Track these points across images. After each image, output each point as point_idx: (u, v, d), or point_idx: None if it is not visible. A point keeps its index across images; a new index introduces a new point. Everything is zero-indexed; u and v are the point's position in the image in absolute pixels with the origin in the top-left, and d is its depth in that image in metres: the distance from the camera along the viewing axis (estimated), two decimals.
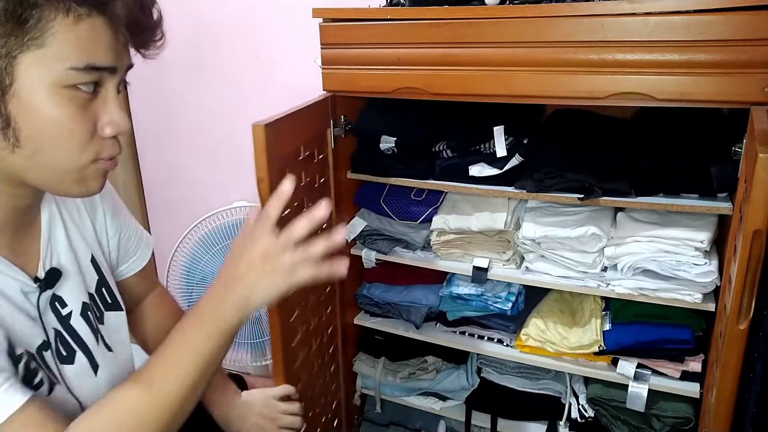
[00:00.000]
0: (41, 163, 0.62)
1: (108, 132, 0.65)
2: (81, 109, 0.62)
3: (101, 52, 0.61)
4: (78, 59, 0.59)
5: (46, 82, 0.59)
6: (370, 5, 1.36)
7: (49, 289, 0.74)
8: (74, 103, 0.61)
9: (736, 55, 0.98)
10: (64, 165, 0.63)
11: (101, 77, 0.63)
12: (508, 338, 1.44)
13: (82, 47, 0.59)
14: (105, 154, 0.66)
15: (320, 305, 1.39)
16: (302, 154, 1.19)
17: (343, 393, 1.64)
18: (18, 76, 0.58)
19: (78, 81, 0.60)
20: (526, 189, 1.26)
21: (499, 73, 1.16)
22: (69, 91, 0.60)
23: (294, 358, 1.22)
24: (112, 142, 0.66)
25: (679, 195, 1.17)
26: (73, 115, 0.61)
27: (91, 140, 0.64)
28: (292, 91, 1.34)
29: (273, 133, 0.99)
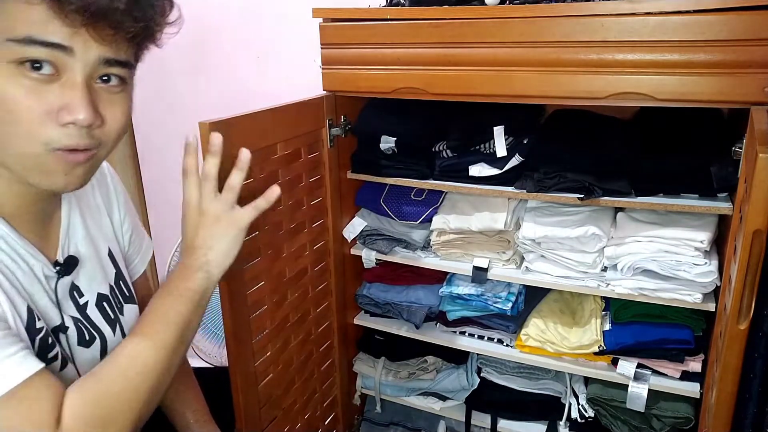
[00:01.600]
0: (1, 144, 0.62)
1: (63, 118, 0.61)
2: (31, 90, 0.59)
3: (42, 26, 0.58)
4: (16, 30, 0.57)
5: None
6: (370, 5, 1.36)
7: (67, 276, 0.76)
8: (23, 83, 0.59)
9: (736, 55, 0.98)
10: (14, 149, 0.61)
11: (57, 59, 0.59)
12: (508, 338, 1.44)
13: (22, 20, 0.57)
14: (58, 143, 0.61)
15: (306, 301, 1.39)
16: (280, 152, 1.20)
17: (343, 393, 1.64)
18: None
19: (24, 56, 0.58)
20: (526, 189, 1.26)
21: (499, 73, 1.16)
22: (17, 68, 0.58)
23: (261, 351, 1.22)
24: (69, 131, 0.61)
25: (679, 195, 1.17)
26: (20, 95, 0.59)
27: (43, 126, 0.60)
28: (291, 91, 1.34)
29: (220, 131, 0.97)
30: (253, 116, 1.10)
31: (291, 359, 1.35)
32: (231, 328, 1.11)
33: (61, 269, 0.74)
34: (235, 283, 1.10)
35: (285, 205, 1.24)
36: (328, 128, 1.35)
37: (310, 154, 1.32)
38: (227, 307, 1.09)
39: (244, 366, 1.15)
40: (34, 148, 0.61)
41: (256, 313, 1.19)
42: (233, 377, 1.14)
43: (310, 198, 1.35)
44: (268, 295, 1.22)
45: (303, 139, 1.28)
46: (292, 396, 1.37)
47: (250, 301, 1.16)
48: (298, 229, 1.31)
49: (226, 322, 1.11)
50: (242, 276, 1.12)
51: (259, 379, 1.21)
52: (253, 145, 1.10)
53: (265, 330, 1.23)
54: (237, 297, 1.11)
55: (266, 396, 1.25)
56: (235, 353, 1.13)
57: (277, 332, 1.27)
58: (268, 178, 1.17)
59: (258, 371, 1.21)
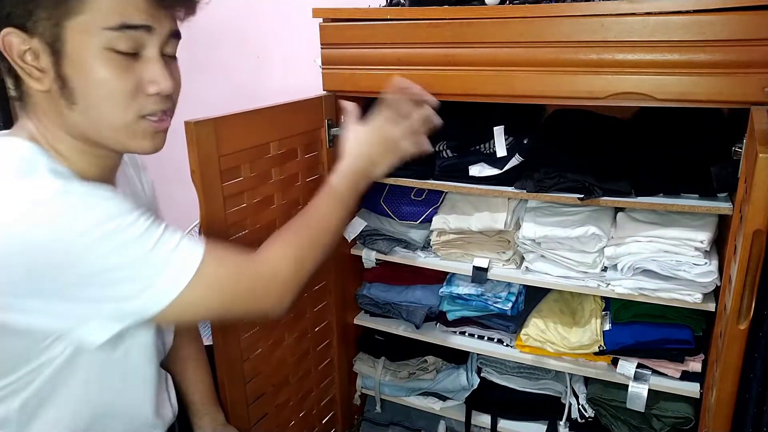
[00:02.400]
0: (94, 119, 0.70)
1: (150, 90, 0.71)
2: (123, 69, 0.69)
3: (135, 12, 0.68)
4: (111, 20, 0.66)
5: (90, 45, 0.67)
6: (370, 5, 1.36)
7: None
8: (115, 64, 0.68)
9: (736, 55, 0.98)
10: (111, 120, 0.71)
11: (139, 38, 0.69)
12: (508, 338, 1.44)
13: (115, 9, 0.66)
14: (147, 110, 0.72)
15: (301, 300, 1.39)
16: (273, 151, 1.20)
17: (342, 392, 1.64)
18: (67, 41, 0.66)
19: (117, 42, 0.67)
20: (526, 189, 1.25)
21: (499, 73, 1.16)
22: (110, 53, 0.67)
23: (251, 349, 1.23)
24: (154, 99, 0.72)
25: (679, 195, 1.17)
26: (115, 74, 0.68)
27: (134, 98, 0.70)
28: (292, 91, 1.34)
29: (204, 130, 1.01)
30: (242, 116, 1.11)
31: (285, 357, 1.35)
32: (218, 325, 1.12)
33: None
34: None
35: (279, 204, 1.25)
36: (327, 128, 1.35)
37: (307, 154, 1.32)
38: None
39: (230, 363, 1.16)
40: (127, 117, 0.71)
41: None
42: (219, 374, 1.15)
43: (307, 197, 1.34)
44: None
45: (299, 139, 1.28)
46: (286, 394, 1.38)
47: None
48: None
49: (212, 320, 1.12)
50: None
51: (247, 376, 1.22)
52: (242, 144, 1.11)
53: (254, 327, 1.23)
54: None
55: (255, 393, 1.26)
56: (222, 350, 1.13)
57: (268, 330, 1.28)
58: (259, 177, 1.18)
59: (246, 368, 1.21)
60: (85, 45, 0.67)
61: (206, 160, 1.03)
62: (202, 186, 1.02)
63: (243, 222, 1.16)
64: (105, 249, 0.65)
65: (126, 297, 0.67)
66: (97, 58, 0.67)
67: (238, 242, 1.15)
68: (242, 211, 1.15)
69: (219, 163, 1.06)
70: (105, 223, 0.65)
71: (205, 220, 1.05)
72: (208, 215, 1.06)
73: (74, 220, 0.64)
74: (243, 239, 1.16)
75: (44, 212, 0.63)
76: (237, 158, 1.11)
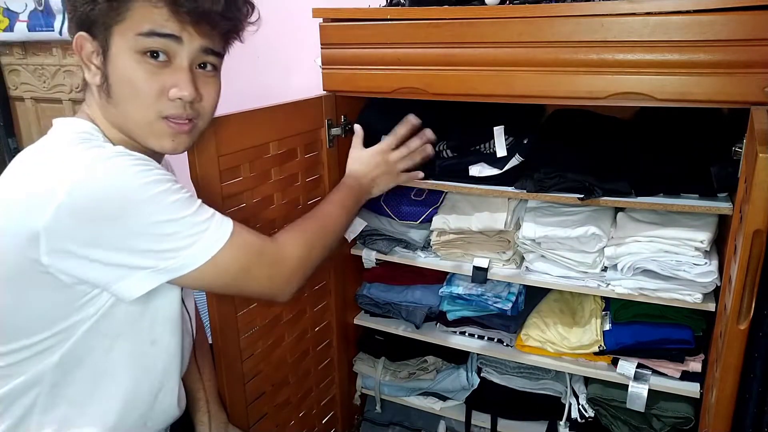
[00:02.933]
0: (123, 113, 0.80)
1: (171, 94, 0.79)
2: (151, 74, 0.78)
3: (163, 22, 0.76)
4: (142, 27, 0.76)
5: (125, 48, 0.76)
6: (370, 5, 1.36)
7: None
8: (145, 68, 0.77)
9: (736, 55, 0.98)
10: (135, 117, 0.80)
11: (169, 47, 0.78)
12: (508, 338, 1.44)
13: (147, 19, 0.76)
14: (167, 112, 0.80)
15: (301, 300, 1.39)
16: (272, 151, 1.21)
17: (342, 392, 1.64)
18: (112, 44, 0.77)
19: (146, 46, 0.76)
20: (526, 189, 1.25)
21: (499, 73, 1.16)
22: (142, 57, 0.77)
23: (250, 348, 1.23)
24: (176, 103, 0.80)
25: (679, 195, 1.17)
26: (143, 77, 0.77)
27: (158, 100, 0.79)
28: (292, 91, 1.34)
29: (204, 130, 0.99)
30: (241, 115, 1.11)
31: (284, 357, 1.35)
32: (217, 325, 1.12)
33: None
34: None
35: (278, 204, 1.25)
36: (327, 128, 1.35)
37: (307, 154, 1.32)
38: (213, 303, 1.10)
39: (230, 362, 1.16)
40: (149, 116, 0.79)
41: (244, 311, 1.19)
42: (219, 372, 1.15)
43: (307, 197, 1.35)
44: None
45: (299, 139, 1.28)
46: (285, 394, 1.38)
47: (238, 299, 1.17)
48: None
49: (212, 319, 1.12)
50: None
51: (246, 375, 1.22)
52: (242, 144, 1.11)
53: (254, 327, 1.23)
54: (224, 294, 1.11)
55: (255, 392, 1.26)
56: (222, 349, 1.13)
57: (268, 330, 1.28)
58: (259, 177, 1.18)
59: (246, 368, 1.21)
60: (121, 47, 0.77)
61: (205, 159, 1.03)
62: (202, 186, 1.03)
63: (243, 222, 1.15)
64: (159, 205, 0.73)
65: (169, 251, 0.74)
66: (130, 60, 0.77)
67: None
68: (241, 211, 1.15)
69: (218, 163, 1.06)
70: (159, 183, 0.74)
71: None
72: None
73: (134, 176, 0.72)
74: None
75: (107, 167, 0.71)
76: (236, 158, 1.11)
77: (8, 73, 2.37)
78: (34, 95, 2.35)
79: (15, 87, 2.38)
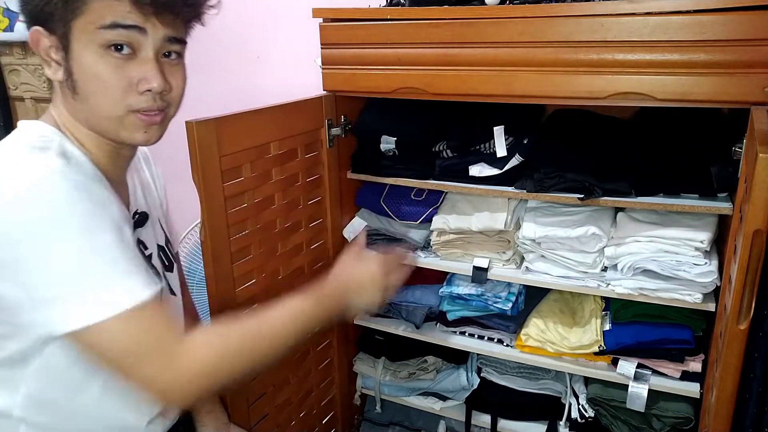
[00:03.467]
0: (91, 109, 0.77)
1: (140, 87, 0.76)
2: (117, 67, 0.74)
3: (125, 12, 0.73)
4: (104, 19, 0.72)
5: (87, 42, 0.73)
6: (370, 5, 1.36)
7: (139, 227, 0.89)
8: (110, 62, 0.74)
9: (736, 55, 0.98)
10: (104, 112, 0.77)
11: (133, 39, 0.74)
12: (508, 338, 1.44)
13: (108, 10, 0.72)
14: (138, 106, 0.77)
15: None
16: (273, 151, 1.21)
17: (342, 392, 1.64)
18: (72, 39, 0.74)
19: (110, 39, 0.73)
20: (526, 189, 1.26)
21: (499, 73, 1.16)
22: (106, 51, 0.73)
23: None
24: (146, 96, 0.77)
25: (679, 195, 1.17)
26: (109, 71, 0.74)
27: (127, 94, 0.76)
28: (292, 91, 1.34)
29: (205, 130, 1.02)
30: (243, 116, 1.11)
31: (285, 357, 1.35)
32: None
33: (136, 221, 0.88)
34: (222, 281, 1.10)
35: (279, 204, 1.25)
36: (327, 128, 1.35)
37: (307, 154, 1.32)
38: (216, 304, 1.10)
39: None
40: (119, 111, 0.76)
41: (245, 311, 1.18)
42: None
43: (307, 197, 1.35)
44: (260, 294, 1.22)
45: (299, 139, 1.28)
46: (286, 394, 1.37)
47: (241, 299, 1.17)
48: (293, 228, 1.32)
49: (213, 319, 1.11)
50: (231, 273, 1.13)
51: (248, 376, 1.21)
52: (243, 145, 1.11)
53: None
54: (225, 295, 1.12)
55: (256, 393, 1.26)
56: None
57: None
58: (260, 177, 1.18)
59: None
60: (83, 42, 0.73)
61: (207, 160, 1.03)
62: (203, 186, 1.03)
63: (244, 222, 1.16)
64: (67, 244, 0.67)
65: (53, 299, 0.67)
66: (94, 55, 0.74)
67: (240, 242, 1.15)
68: (243, 211, 1.15)
69: (220, 163, 1.06)
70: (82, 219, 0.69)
71: (206, 221, 1.05)
72: (209, 215, 1.06)
73: (54, 208, 0.68)
74: (244, 239, 1.16)
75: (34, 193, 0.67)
76: (238, 158, 1.11)
77: (8, 73, 2.37)
78: (34, 95, 2.36)
79: (15, 87, 2.38)
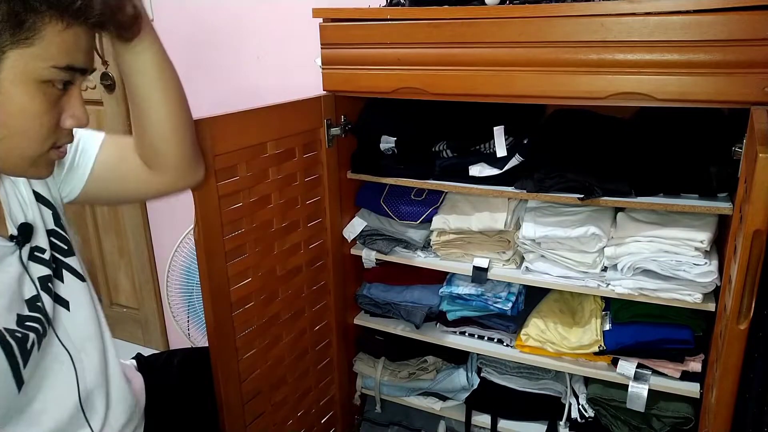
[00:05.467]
0: (6, 148, 0.67)
1: (68, 124, 0.71)
2: (51, 103, 0.67)
3: (81, 56, 0.67)
4: (61, 60, 0.65)
5: (26, 76, 0.64)
6: (370, 5, 1.36)
7: (27, 243, 0.80)
8: (47, 98, 0.67)
9: (736, 55, 0.98)
10: (25, 152, 0.69)
11: (74, 77, 0.69)
12: (508, 338, 1.44)
13: (66, 50, 0.65)
14: (61, 142, 0.72)
15: (299, 299, 1.39)
16: (270, 151, 1.21)
17: (342, 392, 1.64)
18: (3, 68, 0.63)
19: (55, 77, 0.66)
20: (526, 189, 1.26)
21: (499, 73, 1.16)
22: (45, 86, 0.66)
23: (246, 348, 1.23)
24: (68, 132, 0.72)
25: (679, 195, 1.17)
26: (43, 107, 0.67)
27: (53, 131, 0.70)
28: (292, 91, 1.34)
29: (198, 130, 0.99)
30: (237, 115, 1.11)
31: (282, 356, 1.35)
32: (213, 324, 1.12)
33: (18, 240, 0.79)
34: (217, 279, 1.11)
35: (276, 203, 1.25)
36: (327, 128, 1.35)
37: (306, 154, 1.32)
38: (208, 302, 1.10)
39: (226, 361, 1.16)
40: (40, 150, 0.69)
41: (240, 310, 1.19)
42: (215, 372, 1.15)
43: (305, 197, 1.35)
44: (255, 292, 1.23)
45: (297, 139, 1.28)
46: (283, 393, 1.38)
47: (235, 298, 1.17)
48: (291, 228, 1.32)
49: (207, 317, 1.12)
50: (225, 272, 1.13)
51: (243, 374, 1.22)
52: (238, 144, 1.12)
53: (251, 326, 1.23)
54: (219, 293, 1.12)
55: (252, 391, 1.26)
56: (217, 348, 1.13)
57: (265, 329, 1.28)
58: (256, 176, 1.18)
59: (242, 367, 1.21)
60: (20, 75, 0.64)
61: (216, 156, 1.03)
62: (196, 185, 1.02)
63: (239, 221, 1.16)
64: None
65: None
66: (30, 91, 0.65)
67: (235, 241, 1.15)
68: (238, 210, 1.15)
69: (214, 163, 1.06)
70: None
71: (200, 219, 1.06)
72: (203, 214, 1.06)
73: None
74: (239, 238, 1.16)
75: None
76: (232, 157, 1.11)
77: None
78: None
79: None
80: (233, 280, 1.16)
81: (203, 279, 1.09)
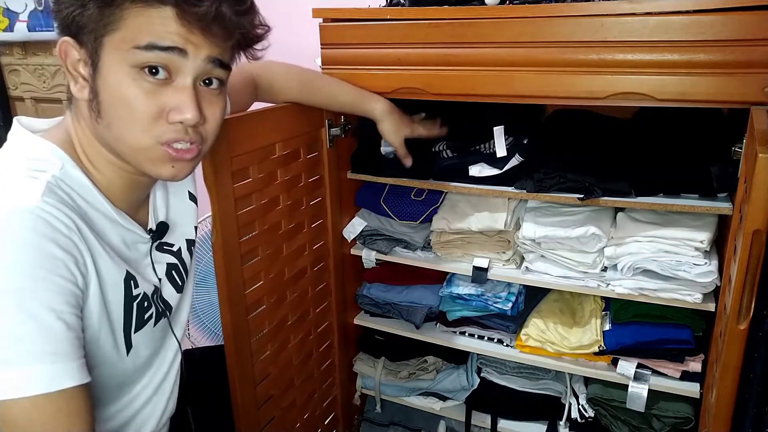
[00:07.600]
0: (115, 136, 0.70)
1: (173, 117, 0.69)
2: (148, 92, 0.68)
3: (164, 33, 0.66)
4: (141, 39, 0.65)
5: (120, 62, 0.66)
6: (370, 5, 1.36)
7: (159, 239, 0.88)
8: (141, 86, 0.67)
9: (736, 55, 0.98)
10: (129, 141, 0.70)
11: (172, 62, 0.68)
12: (508, 338, 1.44)
13: (146, 29, 0.65)
14: (166, 137, 0.70)
15: (305, 301, 1.39)
16: (278, 152, 1.20)
17: (343, 393, 1.64)
18: (103, 56, 0.67)
19: (145, 61, 0.66)
20: (526, 189, 1.25)
21: (499, 73, 1.16)
22: (138, 73, 0.67)
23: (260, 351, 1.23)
24: (176, 127, 0.70)
25: (679, 195, 1.17)
26: (138, 96, 0.67)
27: (155, 123, 0.69)
28: None
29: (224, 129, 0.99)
30: (253, 115, 1.11)
31: (290, 359, 1.35)
32: (230, 328, 1.11)
33: (154, 235, 0.87)
34: (233, 283, 1.10)
35: (284, 205, 1.25)
36: (328, 128, 1.35)
37: (309, 154, 1.32)
38: (226, 306, 1.09)
39: (242, 366, 1.15)
40: (145, 141, 0.70)
41: (254, 313, 1.19)
42: (231, 377, 1.14)
43: (309, 198, 1.35)
44: (266, 295, 1.22)
45: (302, 139, 1.28)
46: (291, 396, 1.37)
47: (249, 301, 1.16)
48: (297, 229, 1.32)
49: (224, 322, 1.11)
50: (241, 276, 1.12)
51: (257, 379, 1.21)
52: (252, 145, 1.11)
53: (263, 330, 1.23)
54: (235, 297, 1.11)
55: (265, 396, 1.25)
56: (234, 353, 1.13)
57: (275, 332, 1.27)
58: (266, 178, 1.18)
59: (256, 371, 1.21)
60: (114, 60, 0.67)
61: (219, 161, 1.01)
62: (216, 187, 1.01)
63: (252, 224, 1.15)
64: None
65: None
66: (124, 76, 0.67)
67: (249, 243, 1.14)
68: (251, 212, 1.14)
69: (231, 164, 1.04)
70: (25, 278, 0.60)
71: (218, 222, 1.04)
72: (221, 217, 1.04)
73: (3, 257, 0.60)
74: (253, 240, 1.15)
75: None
76: (247, 159, 1.10)
77: (8, 73, 2.38)
78: (34, 95, 2.36)
79: (15, 87, 2.38)
80: (248, 283, 1.15)
81: (221, 282, 1.07)
